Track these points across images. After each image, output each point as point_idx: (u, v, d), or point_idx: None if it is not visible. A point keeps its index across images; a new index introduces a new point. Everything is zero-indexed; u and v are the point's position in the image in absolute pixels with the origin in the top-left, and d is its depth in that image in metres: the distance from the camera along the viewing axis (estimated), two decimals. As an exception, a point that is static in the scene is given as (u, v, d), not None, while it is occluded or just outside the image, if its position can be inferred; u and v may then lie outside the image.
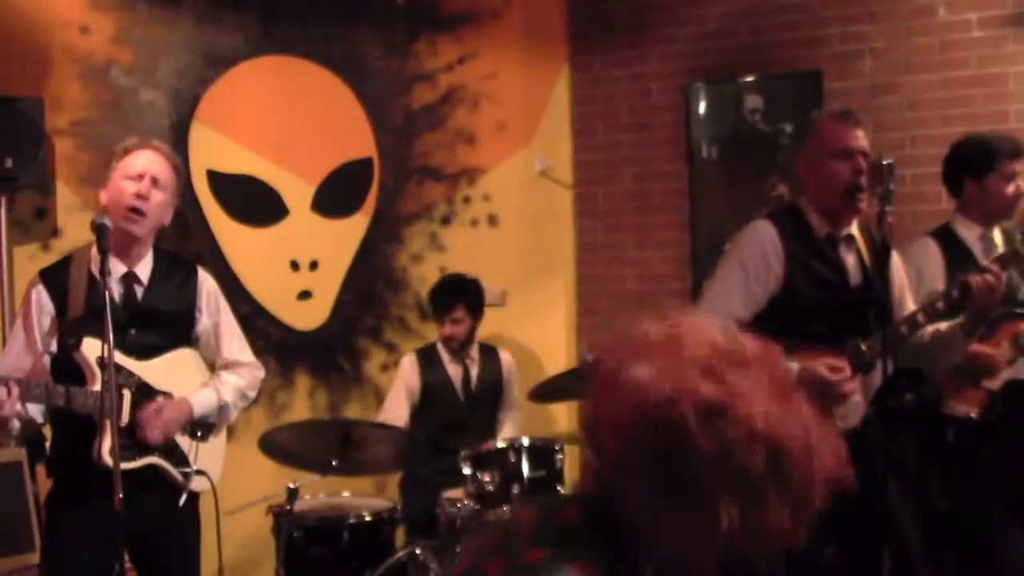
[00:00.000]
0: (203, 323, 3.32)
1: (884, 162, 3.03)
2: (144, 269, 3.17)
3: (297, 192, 4.91)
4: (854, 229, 3.27)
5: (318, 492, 4.15)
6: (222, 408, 3.31)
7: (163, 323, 3.20)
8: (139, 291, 3.13)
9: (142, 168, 3.09)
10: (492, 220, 5.38)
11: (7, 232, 4.08)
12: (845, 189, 3.15)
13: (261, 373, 3.49)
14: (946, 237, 3.82)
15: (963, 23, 4.78)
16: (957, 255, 3.75)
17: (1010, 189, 3.76)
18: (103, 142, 4.18)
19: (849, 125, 3.19)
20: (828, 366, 3.02)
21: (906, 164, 4.63)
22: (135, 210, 3.06)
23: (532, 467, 3.84)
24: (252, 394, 3.46)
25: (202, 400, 3.25)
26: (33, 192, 4.17)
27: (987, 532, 3.71)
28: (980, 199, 3.79)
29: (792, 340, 3.09)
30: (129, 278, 3.12)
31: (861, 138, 3.18)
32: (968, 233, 3.81)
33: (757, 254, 3.18)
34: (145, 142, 3.20)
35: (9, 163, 3.91)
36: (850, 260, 3.24)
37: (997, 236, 3.84)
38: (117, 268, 3.10)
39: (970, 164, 3.83)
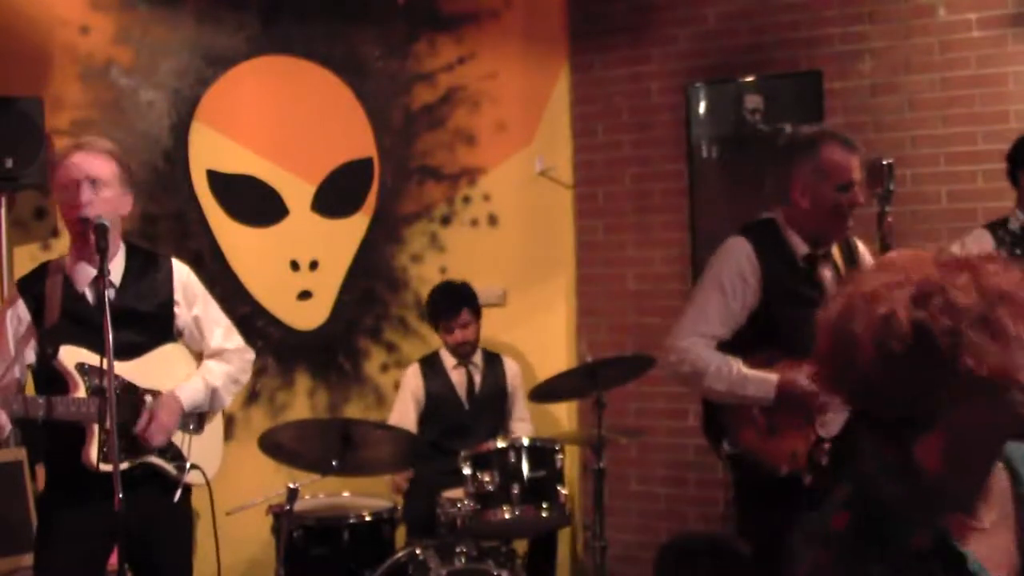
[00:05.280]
0: (183, 317, 3.29)
1: (884, 162, 3.03)
2: (116, 269, 3.14)
3: (297, 192, 4.90)
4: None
5: (318, 492, 4.16)
6: (212, 394, 3.29)
7: (140, 322, 3.17)
8: (111, 292, 3.07)
9: (74, 175, 3.05)
10: (492, 220, 5.38)
11: (7, 232, 4.09)
12: (840, 216, 3.18)
13: (251, 355, 3.47)
14: (998, 228, 3.88)
15: (963, 23, 4.77)
16: (1008, 244, 3.79)
17: None
18: (103, 142, 4.18)
19: (855, 156, 3.19)
20: (809, 376, 3.01)
21: (906, 164, 4.63)
22: (82, 220, 3.02)
23: (532, 467, 3.85)
24: (244, 378, 3.44)
25: (189, 391, 3.22)
26: (33, 192, 4.17)
27: None
28: None
29: (774, 351, 3.13)
30: (101, 280, 3.07)
31: (859, 167, 3.19)
32: (1017, 224, 3.86)
33: (734, 272, 3.22)
34: (73, 146, 3.15)
35: (9, 163, 3.90)
36: (827, 275, 3.25)
37: None
38: (88, 272, 3.09)
39: (1019, 157, 3.89)
